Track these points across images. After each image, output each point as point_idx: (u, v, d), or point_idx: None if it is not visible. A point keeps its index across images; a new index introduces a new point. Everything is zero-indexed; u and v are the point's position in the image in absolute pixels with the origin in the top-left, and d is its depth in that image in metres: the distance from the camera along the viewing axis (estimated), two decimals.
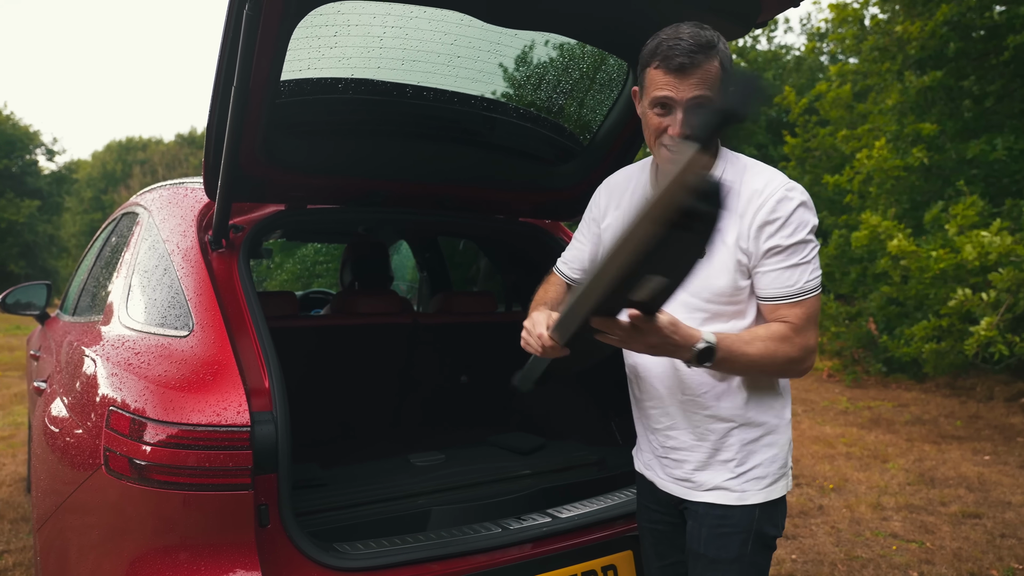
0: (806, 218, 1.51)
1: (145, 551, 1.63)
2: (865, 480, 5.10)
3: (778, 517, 1.63)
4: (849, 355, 9.60)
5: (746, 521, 1.58)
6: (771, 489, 1.60)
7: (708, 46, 1.50)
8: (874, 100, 9.91)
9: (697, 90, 1.49)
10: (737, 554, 1.57)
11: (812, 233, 1.52)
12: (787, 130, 12.62)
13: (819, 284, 1.53)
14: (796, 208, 1.50)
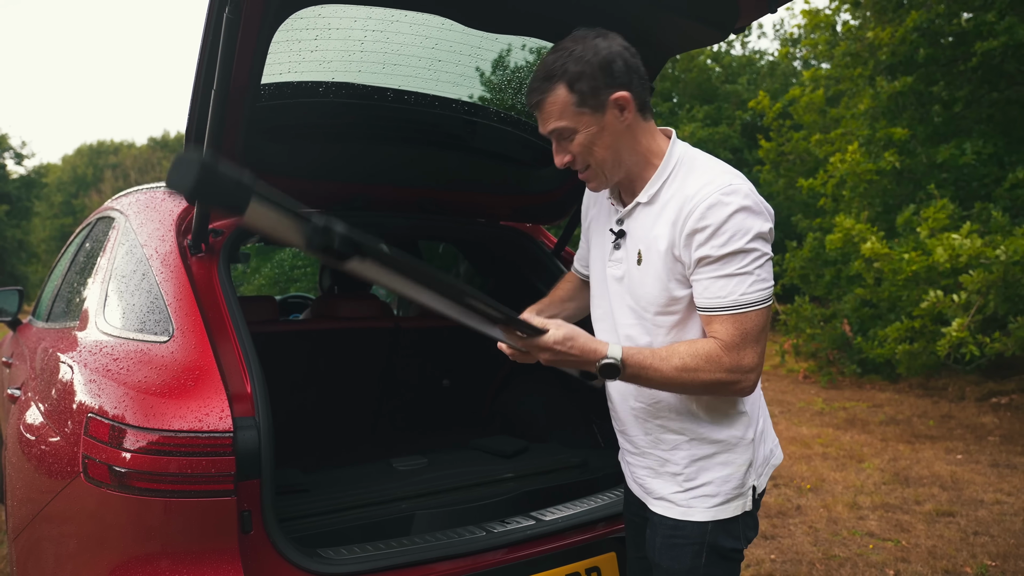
0: (746, 225, 1.36)
1: (125, 559, 1.60)
2: (841, 480, 5.17)
3: (738, 530, 1.55)
4: (824, 356, 9.73)
5: (697, 534, 1.52)
6: (721, 508, 1.52)
7: (548, 76, 1.44)
8: (847, 105, 10.08)
9: (551, 122, 1.47)
10: (690, 565, 1.52)
11: (757, 241, 1.37)
12: (762, 134, 12.78)
13: (761, 298, 1.38)
14: (732, 214, 1.36)
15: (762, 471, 1.59)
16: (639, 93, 1.47)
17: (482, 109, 2.45)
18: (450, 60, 2.25)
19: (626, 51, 1.47)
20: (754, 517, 1.59)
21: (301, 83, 2.04)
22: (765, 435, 1.62)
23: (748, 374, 1.40)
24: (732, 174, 1.45)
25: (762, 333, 1.40)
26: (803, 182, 9.44)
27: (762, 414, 1.62)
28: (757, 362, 1.39)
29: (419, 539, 1.90)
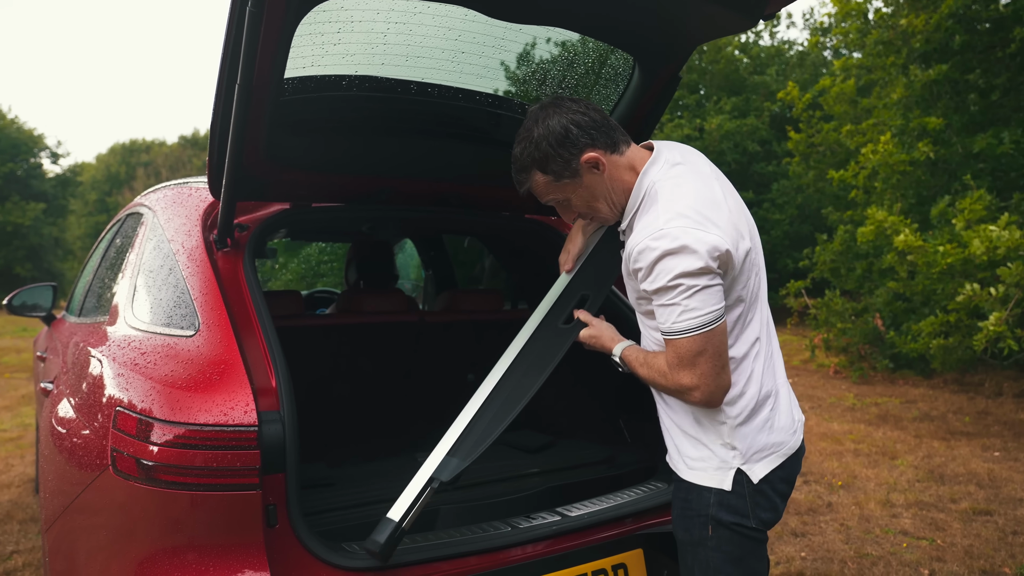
0: (668, 266, 1.51)
1: (153, 552, 1.62)
2: (874, 477, 5.08)
3: (744, 507, 1.65)
4: (856, 351, 9.56)
5: (703, 506, 1.67)
6: (701, 475, 1.68)
7: (523, 168, 1.71)
8: (879, 95, 9.87)
9: (545, 199, 1.76)
10: (698, 537, 1.68)
11: (680, 278, 1.50)
12: (791, 126, 12.58)
13: (690, 327, 1.52)
14: (657, 259, 1.52)
15: (757, 457, 1.66)
16: (604, 141, 1.66)
17: (506, 101, 2.43)
18: (473, 52, 2.23)
19: (576, 114, 1.65)
20: (769, 498, 1.67)
21: (324, 77, 2.03)
22: (752, 424, 1.66)
23: (691, 391, 1.57)
24: (668, 216, 1.56)
25: (699, 357, 1.54)
26: (834, 174, 9.27)
27: (755, 403, 1.67)
28: (696, 382, 1.56)
29: (444, 534, 1.89)
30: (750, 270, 1.65)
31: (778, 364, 1.79)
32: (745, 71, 20.13)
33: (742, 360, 1.66)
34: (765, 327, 1.74)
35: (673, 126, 17.77)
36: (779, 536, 4.01)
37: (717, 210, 1.59)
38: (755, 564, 1.70)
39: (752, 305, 1.68)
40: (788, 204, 17.47)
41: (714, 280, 1.52)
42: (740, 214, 1.68)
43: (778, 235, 17.42)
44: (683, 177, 1.65)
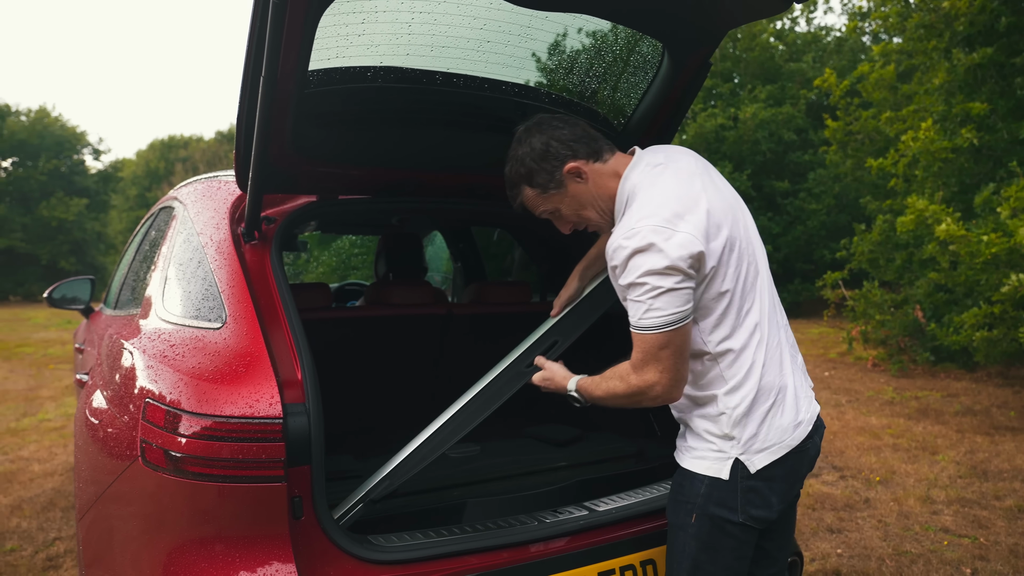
0: (637, 264, 1.59)
1: (182, 542, 1.63)
2: (913, 472, 4.96)
3: (734, 501, 1.67)
4: (895, 344, 9.34)
5: (692, 495, 1.72)
6: (698, 463, 1.72)
7: (514, 184, 1.86)
8: (920, 80, 9.59)
9: (538, 212, 1.88)
10: (682, 523, 1.74)
11: (646, 276, 1.57)
12: (828, 114, 12.31)
13: (655, 325, 1.59)
14: (628, 257, 1.60)
15: (757, 448, 1.67)
16: (584, 151, 1.78)
17: (533, 91, 2.39)
18: (499, 41, 2.20)
19: (556, 130, 1.79)
20: (762, 495, 1.68)
21: (349, 68, 2.02)
22: (752, 416, 1.68)
23: (653, 386, 1.64)
24: (640, 215, 1.63)
25: (662, 351, 1.61)
26: (872, 162, 9.04)
27: (756, 394, 1.68)
28: (658, 377, 1.63)
29: (469, 527, 1.88)
30: (737, 262, 1.69)
31: (787, 357, 1.77)
32: (781, 58, 19.76)
33: (742, 351, 1.68)
34: (768, 317, 1.74)
35: (706, 115, 17.54)
36: (814, 532, 3.94)
37: (692, 206, 1.64)
38: (730, 559, 1.72)
39: (746, 295, 1.71)
40: (825, 194, 17.15)
41: (682, 283, 1.59)
42: (724, 208, 1.71)
43: (815, 225, 17.12)
44: (660, 177, 1.72)
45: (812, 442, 1.78)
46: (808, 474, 1.86)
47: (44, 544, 3.82)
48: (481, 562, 1.77)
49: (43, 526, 4.08)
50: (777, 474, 1.69)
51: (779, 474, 1.70)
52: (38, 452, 5.73)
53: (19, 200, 33.58)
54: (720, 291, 1.66)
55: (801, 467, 1.76)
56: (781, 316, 1.83)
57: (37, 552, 3.71)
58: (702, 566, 1.72)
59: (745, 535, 1.71)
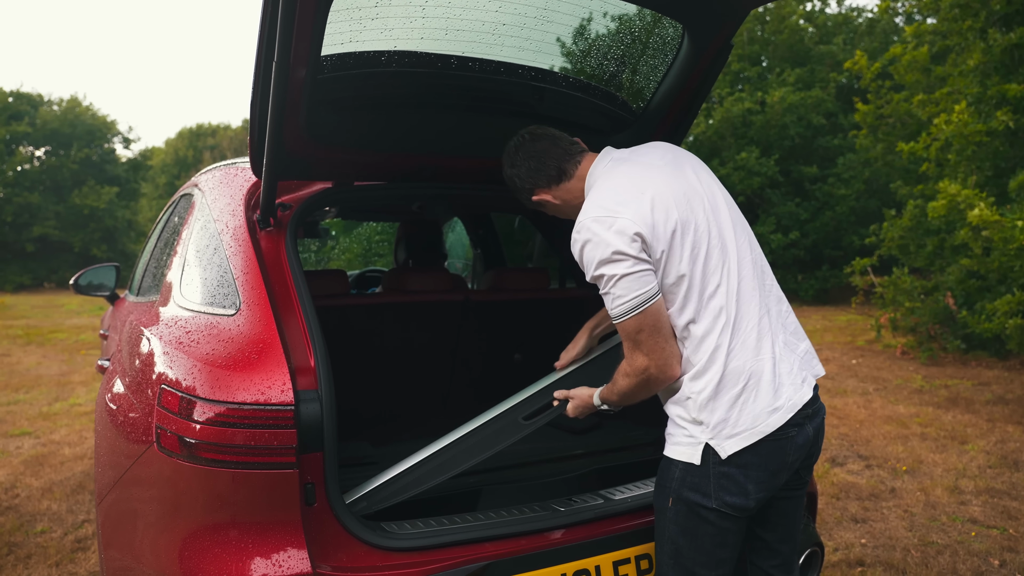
0: (591, 256, 1.67)
1: (196, 528, 1.65)
2: (941, 462, 4.87)
3: (707, 487, 1.68)
4: (925, 331, 9.17)
5: (669, 479, 1.74)
6: (674, 449, 1.75)
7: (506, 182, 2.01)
8: (954, 62, 9.35)
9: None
10: (661, 506, 1.77)
11: (600, 267, 1.65)
12: (859, 97, 12.06)
13: (623, 311, 1.66)
14: (580, 251, 1.70)
15: (727, 433, 1.66)
16: (544, 180, 1.90)
17: (550, 75, 2.36)
18: (515, 24, 2.16)
19: (515, 166, 1.93)
20: (737, 482, 1.67)
21: (363, 53, 2.00)
22: (719, 401, 1.67)
23: (647, 369, 1.69)
24: (586, 210, 1.72)
25: (639, 334, 1.67)
26: (903, 146, 8.85)
27: (721, 378, 1.67)
28: (646, 359, 1.68)
29: (483, 515, 1.87)
30: (694, 245, 1.70)
31: (767, 343, 1.72)
32: (810, 41, 19.39)
33: (705, 336, 1.68)
34: (740, 301, 1.72)
35: (733, 99, 17.29)
36: (838, 522, 3.89)
37: (636, 194, 1.70)
38: (709, 545, 1.71)
39: (708, 279, 1.70)
40: (855, 179, 16.86)
41: (635, 266, 1.64)
42: (676, 194, 1.73)
43: (844, 211, 16.85)
44: (615, 171, 1.80)
45: (800, 430, 1.71)
46: (805, 464, 1.79)
47: (73, 526, 3.90)
48: (495, 550, 1.76)
49: (72, 508, 4.17)
50: (752, 461, 1.66)
51: (754, 461, 1.66)
52: (69, 436, 5.85)
53: (52, 189, 34.19)
54: (678, 275, 1.69)
55: (784, 455, 1.69)
56: (773, 300, 1.81)
57: (66, 534, 3.79)
58: (682, 551, 1.73)
59: (722, 522, 1.69)
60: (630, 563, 1.90)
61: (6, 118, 33.75)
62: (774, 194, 17.49)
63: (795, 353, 1.79)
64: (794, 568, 1.92)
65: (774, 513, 1.83)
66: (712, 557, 1.71)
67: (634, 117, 2.48)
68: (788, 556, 1.89)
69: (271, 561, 1.59)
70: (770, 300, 1.80)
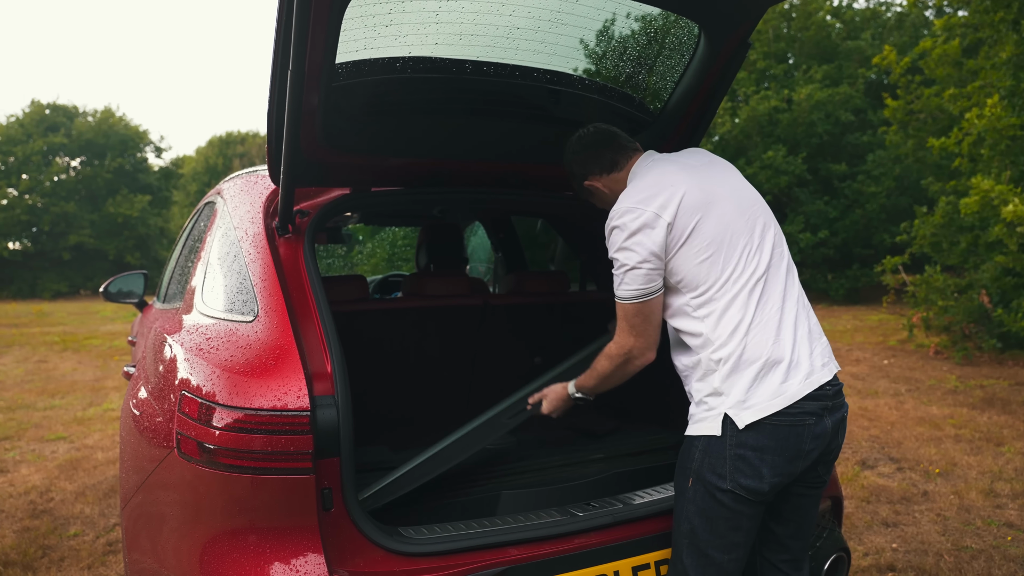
0: (616, 239, 1.85)
1: (216, 533, 1.66)
2: (976, 464, 4.75)
3: (723, 468, 1.73)
4: (959, 330, 8.98)
5: (689, 460, 1.81)
6: (693, 426, 1.83)
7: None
8: (986, 54, 9.15)
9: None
10: (681, 487, 1.83)
11: (623, 252, 1.83)
12: (888, 92, 11.86)
13: (629, 296, 1.83)
14: (610, 231, 1.88)
15: (745, 404, 1.73)
16: (598, 168, 2.05)
17: (566, 77, 2.35)
18: (529, 27, 2.16)
19: (574, 154, 2.09)
20: (752, 464, 1.72)
21: (377, 60, 2.01)
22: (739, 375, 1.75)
23: (631, 349, 1.87)
24: (621, 201, 1.89)
25: (635, 317, 1.85)
26: (935, 142, 8.69)
27: (742, 351, 1.76)
28: (633, 342, 1.86)
29: (501, 520, 1.86)
30: (722, 231, 1.83)
31: (787, 325, 1.82)
32: (838, 37, 19.12)
33: (725, 311, 1.79)
34: (763, 283, 1.84)
35: (759, 98, 17.11)
36: (868, 526, 3.82)
37: (667, 187, 1.85)
38: (724, 529, 1.76)
39: (731, 261, 1.83)
40: (885, 176, 16.59)
41: (647, 262, 1.80)
42: (706, 191, 1.87)
43: (874, 209, 16.58)
44: (651, 168, 1.95)
45: (819, 420, 1.76)
46: (823, 459, 1.83)
47: (105, 529, 3.98)
48: (513, 555, 1.76)
49: (104, 512, 4.25)
50: (767, 444, 1.72)
51: (770, 445, 1.72)
52: (102, 440, 5.96)
53: (87, 198, 34.95)
54: (705, 256, 1.81)
55: (799, 441, 1.74)
56: (796, 293, 1.90)
57: (98, 537, 3.86)
58: (698, 533, 1.77)
59: (737, 505, 1.74)
60: (650, 568, 1.88)
61: (43, 130, 34.61)
62: (802, 193, 17.26)
63: (817, 342, 1.87)
64: (803, 566, 1.96)
65: (788, 508, 1.87)
66: (726, 540, 1.76)
67: (652, 118, 2.46)
68: (798, 553, 1.93)
69: (289, 566, 1.60)
70: (794, 291, 1.90)
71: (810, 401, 1.75)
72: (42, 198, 33.80)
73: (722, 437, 1.74)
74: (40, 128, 34.61)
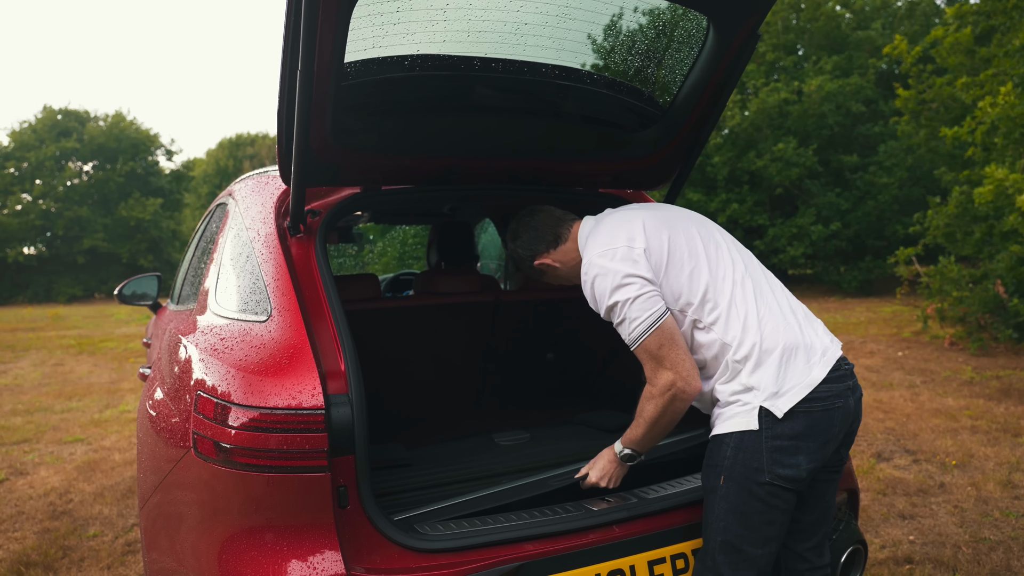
0: (602, 287, 1.83)
1: (234, 531, 1.68)
2: (994, 456, 4.72)
3: (760, 461, 1.73)
4: (974, 321, 8.90)
5: (720, 457, 1.80)
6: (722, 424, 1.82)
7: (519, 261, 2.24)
8: (999, 42, 9.06)
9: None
10: (711, 486, 1.82)
11: (617, 292, 1.80)
12: (899, 82, 11.77)
13: (643, 332, 1.79)
14: (592, 285, 1.87)
15: (780, 394, 1.74)
16: (544, 246, 2.10)
17: (574, 72, 2.34)
18: (537, 23, 2.16)
19: (516, 238, 2.15)
20: (789, 452, 1.73)
21: (386, 58, 2.02)
22: (765, 365, 1.77)
23: (674, 383, 1.78)
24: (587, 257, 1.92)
25: (661, 350, 1.79)
26: (947, 131, 8.61)
27: (760, 340, 1.78)
28: (672, 375, 1.78)
29: (516, 516, 1.87)
30: (693, 248, 1.90)
31: (787, 312, 1.87)
32: (847, 27, 18.99)
33: (729, 310, 1.82)
34: (751, 279, 1.90)
35: (768, 90, 17.02)
36: (885, 518, 3.80)
37: (628, 226, 1.91)
38: (759, 523, 1.77)
39: (715, 269, 1.88)
40: (897, 166, 16.47)
41: (644, 287, 1.80)
42: (663, 218, 1.96)
43: (886, 200, 16.47)
44: (600, 222, 2.00)
45: (844, 401, 1.81)
46: (844, 441, 1.88)
47: (123, 530, 4.01)
48: (528, 550, 1.76)
49: (123, 513, 4.28)
50: (804, 431, 1.74)
51: (806, 432, 1.74)
52: (119, 442, 6.01)
53: (100, 202, 35.21)
54: (688, 271, 1.86)
55: (831, 424, 1.78)
56: (779, 286, 1.97)
57: (117, 538, 3.90)
58: (732, 529, 1.77)
59: (772, 499, 1.75)
60: (665, 563, 1.88)
61: (56, 135, 34.88)
62: (813, 184, 17.16)
63: (816, 321, 1.94)
64: (825, 552, 1.98)
65: (812, 496, 1.89)
66: (760, 534, 1.77)
67: (661, 112, 2.45)
68: (821, 540, 1.96)
69: (306, 563, 1.61)
70: (775, 280, 1.98)
71: (835, 383, 1.79)
72: (55, 203, 34.09)
73: (758, 431, 1.75)
74: (53, 134, 34.88)
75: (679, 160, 2.57)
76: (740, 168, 17.42)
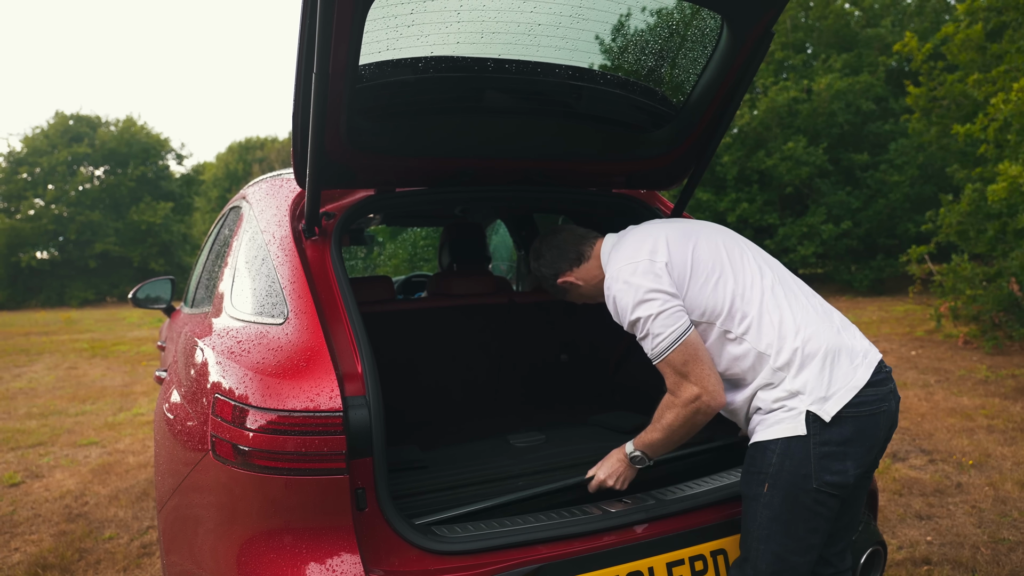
0: (625, 302, 1.83)
1: (252, 534, 1.68)
2: (1011, 455, 4.67)
3: (808, 467, 1.70)
4: (988, 319, 8.82)
5: (764, 464, 1.76)
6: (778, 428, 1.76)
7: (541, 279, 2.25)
8: (1010, 38, 9.00)
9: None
10: (753, 494, 1.78)
11: (640, 307, 1.79)
12: (910, 80, 11.70)
13: (663, 348, 1.78)
14: (615, 300, 1.87)
15: (826, 397, 1.72)
16: (567, 264, 2.11)
17: (588, 72, 2.34)
18: (550, 23, 2.15)
19: (540, 257, 2.16)
20: (837, 458, 1.71)
21: (400, 60, 2.02)
22: (808, 367, 1.75)
23: (699, 397, 1.77)
24: (610, 273, 1.92)
25: (685, 366, 1.78)
26: (959, 128, 8.54)
27: (802, 343, 1.77)
28: (697, 388, 1.77)
29: (534, 517, 1.86)
30: (717, 256, 1.90)
31: (823, 316, 1.86)
32: (857, 25, 18.90)
33: (761, 317, 1.81)
34: (782, 285, 1.89)
35: (778, 89, 16.95)
36: (902, 519, 3.77)
37: (651, 240, 1.92)
38: (802, 531, 1.73)
39: (743, 277, 1.87)
40: (908, 164, 16.36)
41: (668, 303, 1.79)
42: (685, 230, 1.97)
43: (898, 198, 16.37)
44: (622, 239, 2.01)
45: (888, 405, 1.80)
46: (887, 442, 1.86)
47: (139, 532, 4.03)
48: (547, 552, 1.75)
49: (138, 515, 4.31)
50: (852, 437, 1.72)
51: (854, 437, 1.72)
52: (133, 445, 6.04)
53: (111, 206, 35.47)
54: (714, 281, 1.84)
55: (877, 429, 1.76)
56: (804, 287, 1.95)
57: (132, 540, 3.92)
58: (776, 538, 1.74)
59: (819, 506, 1.72)
60: (684, 564, 1.86)
61: (67, 140, 35.18)
62: (824, 183, 17.07)
63: (851, 326, 1.91)
64: (848, 555, 1.97)
65: (846, 501, 1.86)
66: (803, 543, 1.74)
67: (675, 112, 2.44)
68: (848, 544, 1.95)
69: (325, 566, 1.61)
70: (805, 286, 1.96)
71: (878, 387, 1.78)
72: (68, 207, 34.37)
73: (806, 436, 1.71)
74: (64, 139, 35.18)
75: (693, 160, 2.56)
76: (750, 167, 17.36)
